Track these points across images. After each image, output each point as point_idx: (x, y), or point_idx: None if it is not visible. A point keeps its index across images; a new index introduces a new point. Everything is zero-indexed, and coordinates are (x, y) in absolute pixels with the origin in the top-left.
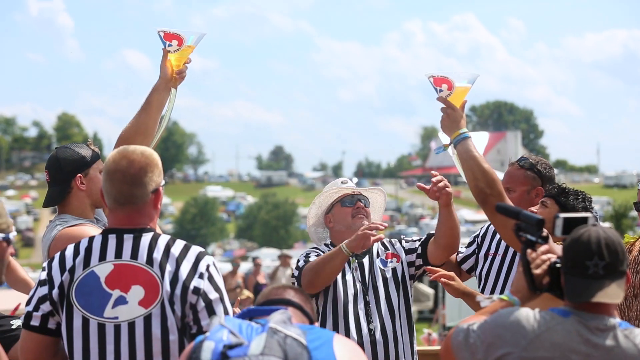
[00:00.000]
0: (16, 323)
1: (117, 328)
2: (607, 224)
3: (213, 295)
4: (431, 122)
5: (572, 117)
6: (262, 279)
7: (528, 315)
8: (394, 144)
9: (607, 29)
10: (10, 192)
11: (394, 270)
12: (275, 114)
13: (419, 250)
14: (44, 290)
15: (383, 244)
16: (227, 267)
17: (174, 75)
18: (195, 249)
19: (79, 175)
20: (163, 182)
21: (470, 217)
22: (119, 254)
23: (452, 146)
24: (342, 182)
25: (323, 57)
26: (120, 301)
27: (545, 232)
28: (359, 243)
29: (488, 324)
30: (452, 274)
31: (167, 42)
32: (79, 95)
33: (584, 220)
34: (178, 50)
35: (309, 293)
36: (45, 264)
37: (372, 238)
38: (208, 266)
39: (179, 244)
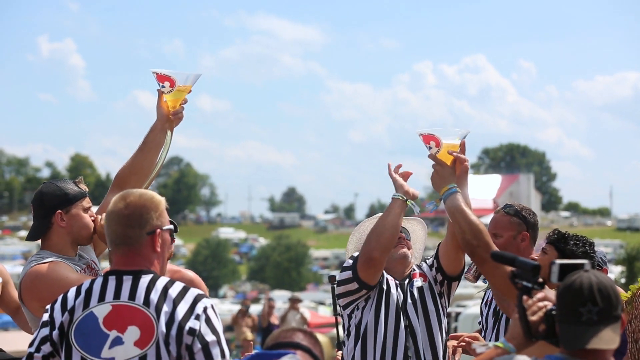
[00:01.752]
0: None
1: None
2: (619, 268)
3: (210, 337)
4: None
5: (584, 160)
6: (275, 319)
7: None
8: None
9: (618, 72)
10: (23, 233)
11: (419, 289)
12: (286, 155)
13: (435, 263)
14: (45, 331)
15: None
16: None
17: (170, 116)
18: (193, 291)
19: (59, 211)
20: (167, 225)
21: None
22: (117, 295)
23: (442, 201)
24: None
25: (333, 98)
26: (117, 342)
27: (540, 278)
28: (402, 183)
29: None
30: (476, 334)
31: (161, 84)
32: (90, 135)
33: (580, 266)
34: (171, 91)
35: (371, 272)
36: (48, 306)
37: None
38: (205, 308)
39: (178, 286)
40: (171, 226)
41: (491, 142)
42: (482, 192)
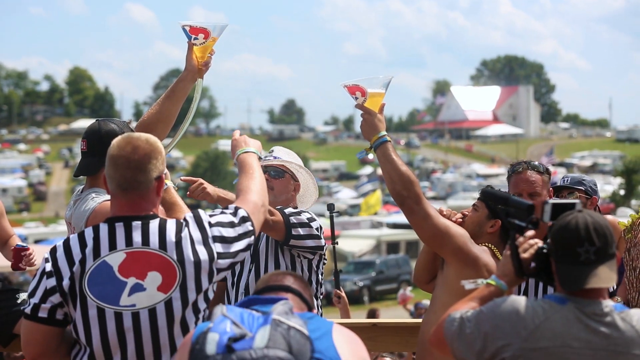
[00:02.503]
0: (22, 296)
1: (136, 315)
2: (618, 180)
3: (229, 235)
4: (443, 76)
5: (581, 72)
6: None
7: (526, 305)
8: (405, 98)
9: None
10: (22, 146)
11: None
12: (282, 68)
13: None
14: (51, 282)
15: None
16: None
17: (200, 67)
18: (189, 215)
19: None
20: (166, 170)
21: (482, 171)
22: (129, 241)
23: (372, 150)
24: (269, 152)
25: (326, 11)
26: (137, 288)
27: (534, 217)
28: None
29: (484, 314)
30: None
31: (193, 36)
32: (84, 49)
33: (572, 206)
34: (204, 43)
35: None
36: (47, 255)
37: None
38: (212, 215)
39: (183, 222)
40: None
41: (488, 54)
42: (481, 103)
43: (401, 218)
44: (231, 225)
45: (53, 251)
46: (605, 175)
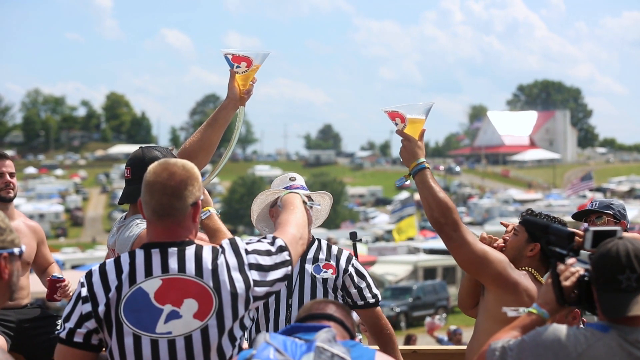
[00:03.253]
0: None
1: (172, 343)
2: None
3: (265, 263)
4: (479, 100)
5: (618, 96)
6: None
7: (568, 333)
8: (441, 123)
9: None
10: (59, 172)
11: (324, 280)
12: (318, 92)
13: (358, 279)
14: (87, 307)
15: (326, 248)
16: None
17: (242, 95)
18: (225, 243)
19: None
20: (209, 197)
21: (519, 196)
22: (165, 268)
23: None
24: (289, 179)
25: (361, 36)
26: (173, 316)
27: (575, 245)
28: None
29: (527, 343)
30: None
31: (236, 64)
32: (120, 74)
33: (614, 234)
34: (246, 71)
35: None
36: (83, 279)
37: None
38: (249, 242)
39: (219, 248)
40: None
41: (523, 78)
42: (518, 128)
43: (438, 244)
44: (268, 253)
45: (89, 276)
46: None
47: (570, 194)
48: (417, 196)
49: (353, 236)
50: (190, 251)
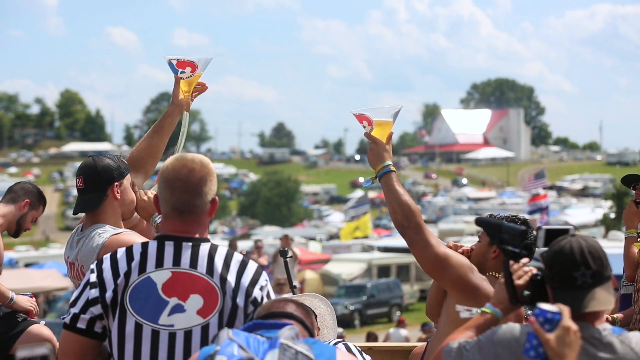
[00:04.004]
0: (20, 317)
1: (172, 336)
2: (608, 203)
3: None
4: (431, 99)
5: (568, 94)
6: (264, 261)
7: (524, 331)
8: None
9: (591, 5)
10: (13, 170)
11: None
12: (268, 90)
13: None
14: (94, 292)
15: None
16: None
17: (187, 101)
18: (253, 264)
19: (116, 183)
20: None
21: (473, 194)
22: (177, 261)
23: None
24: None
25: (307, 35)
26: (178, 309)
27: (528, 243)
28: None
29: (483, 342)
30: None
31: (180, 70)
32: (67, 72)
33: (566, 232)
34: (191, 76)
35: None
36: (93, 266)
37: None
38: (267, 281)
39: (237, 257)
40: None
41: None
42: (472, 126)
43: (392, 242)
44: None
45: (99, 263)
46: (596, 198)
47: (525, 189)
48: (371, 194)
49: (284, 254)
50: (204, 248)
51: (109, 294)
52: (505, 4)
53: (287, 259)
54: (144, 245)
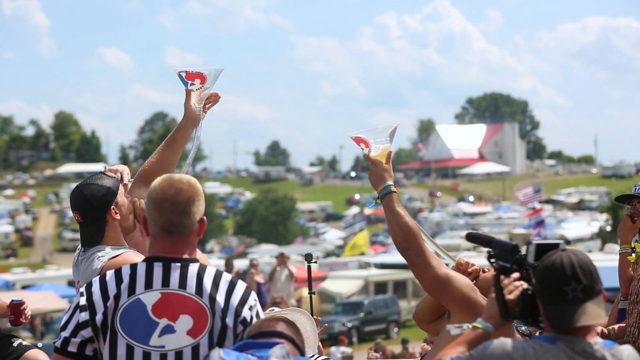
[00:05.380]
0: (16, 342)
1: (164, 357)
2: (604, 216)
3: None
4: (426, 114)
5: (562, 108)
6: (260, 279)
7: (516, 346)
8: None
9: (583, 18)
10: (9, 192)
11: None
12: (262, 108)
13: None
14: (84, 316)
15: None
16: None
17: (199, 113)
18: (242, 284)
19: (112, 207)
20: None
21: (469, 209)
22: (166, 282)
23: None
24: None
25: (300, 52)
26: (168, 330)
27: (519, 257)
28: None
29: (475, 357)
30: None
31: (190, 82)
32: (61, 93)
33: (556, 246)
34: (200, 88)
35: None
36: (83, 289)
37: None
38: (255, 301)
39: (226, 277)
40: None
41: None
42: (467, 141)
43: (389, 258)
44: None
45: (89, 286)
46: (592, 211)
47: (523, 203)
48: (367, 211)
49: (308, 258)
50: (193, 268)
51: (99, 317)
52: (497, 18)
53: (311, 264)
54: (133, 267)
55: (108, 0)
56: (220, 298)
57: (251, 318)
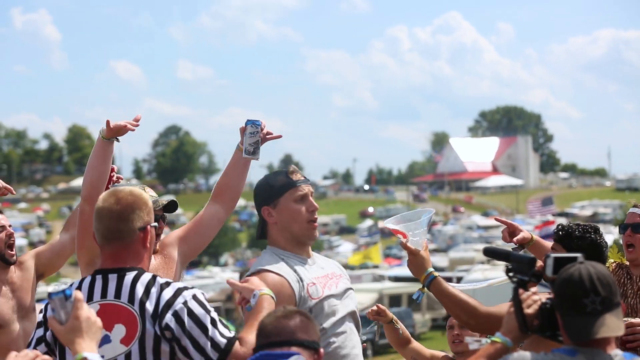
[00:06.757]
0: None
1: None
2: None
3: (195, 331)
4: (439, 126)
5: (574, 120)
6: None
7: (536, 359)
8: (401, 150)
9: (594, 30)
10: (23, 205)
11: None
12: (274, 121)
13: None
14: (39, 332)
15: None
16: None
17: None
18: (174, 286)
19: (265, 207)
20: (154, 222)
21: (483, 222)
22: (104, 294)
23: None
24: None
25: (311, 65)
26: (105, 340)
27: (537, 271)
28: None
29: None
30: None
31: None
32: (73, 106)
33: (574, 259)
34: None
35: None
36: (43, 307)
37: None
38: (185, 302)
39: (160, 281)
40: (156, 224)
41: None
42: (480, 155)
43: (403, 271)
44: (201, 327)
45: (47, 304)
46: (606, 224)
47: (530, 216)
48: (381, 224)
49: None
50: (129, 277)
51: (49, 333)
52: (508, 31)
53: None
54: (80, 282)
55: (119, 13)
56: (150, 304)
57: (178, 320)
